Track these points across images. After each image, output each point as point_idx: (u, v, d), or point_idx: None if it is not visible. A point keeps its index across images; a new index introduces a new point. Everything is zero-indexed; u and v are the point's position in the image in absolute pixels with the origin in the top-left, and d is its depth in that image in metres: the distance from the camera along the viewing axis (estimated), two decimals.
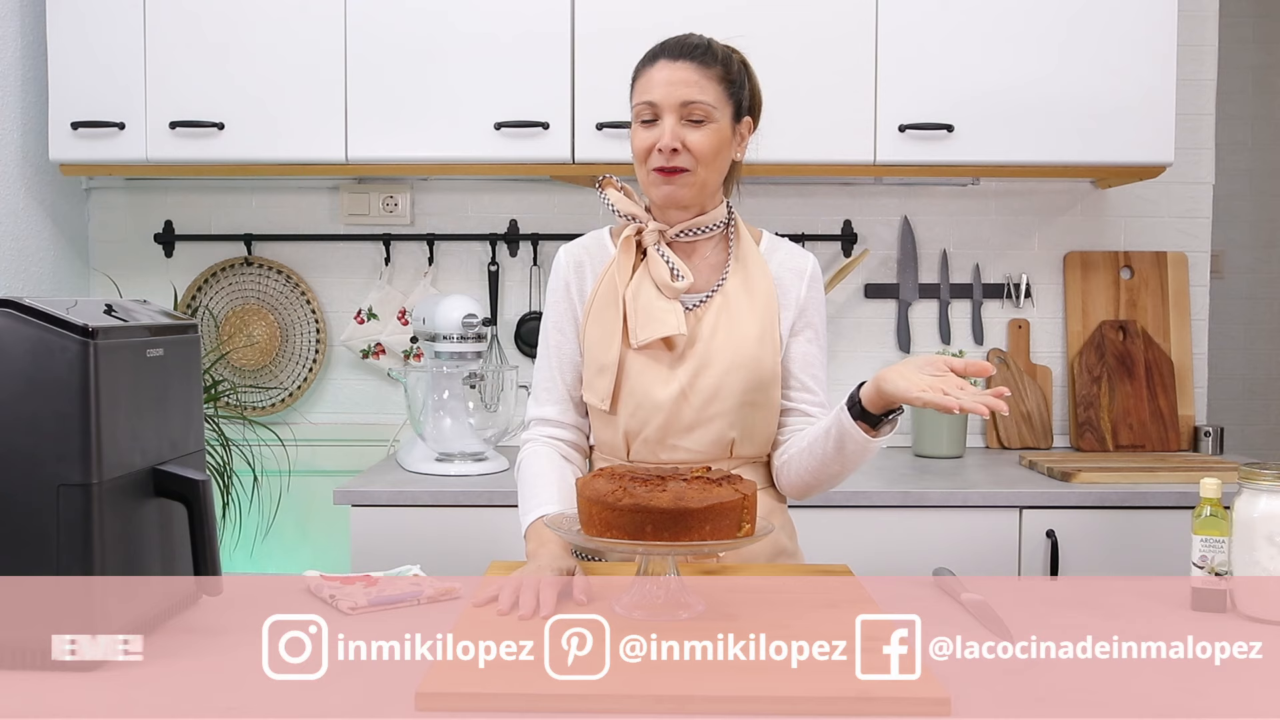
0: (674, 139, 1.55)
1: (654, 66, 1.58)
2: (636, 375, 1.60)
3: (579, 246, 1.71)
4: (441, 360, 2.51)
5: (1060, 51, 2.51)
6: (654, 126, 1.57)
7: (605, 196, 1.66)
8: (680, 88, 1.55)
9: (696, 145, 1.56)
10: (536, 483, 1.60)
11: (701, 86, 1.56)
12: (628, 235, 1.63)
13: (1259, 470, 1.39)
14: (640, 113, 1.58)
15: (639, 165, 1.60)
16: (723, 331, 1.60)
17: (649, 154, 1.57)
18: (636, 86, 1.61)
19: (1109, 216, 2.93)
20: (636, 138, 1.59)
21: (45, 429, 1.16)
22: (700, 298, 1.63)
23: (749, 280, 1.63)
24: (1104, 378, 2.83)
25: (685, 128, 1.56)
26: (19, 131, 2.63)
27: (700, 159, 1.57)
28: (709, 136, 1.57)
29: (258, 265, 2.92)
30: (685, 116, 1.56)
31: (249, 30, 2.54)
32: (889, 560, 2.23)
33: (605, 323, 1.62)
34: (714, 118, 1.57)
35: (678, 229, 1.62)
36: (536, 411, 1.71)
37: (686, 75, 1.56)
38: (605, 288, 1.63)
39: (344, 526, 2.33)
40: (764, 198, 2.89)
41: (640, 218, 1.64)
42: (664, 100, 1.56)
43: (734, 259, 1.65)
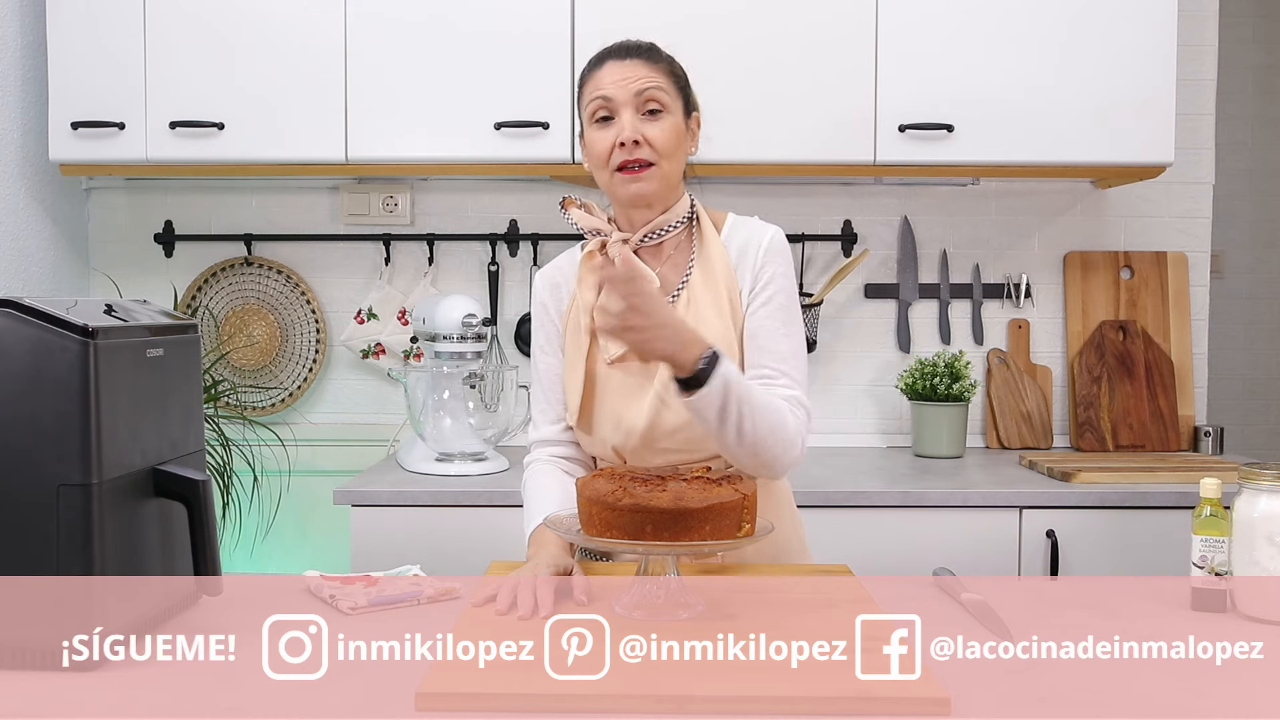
0: (634, 132, 1.55)
1: (602, 68, 1.59)
2: (614, 392, 1.60)
3: (554, 268, 1.72)
4: (441, 360, 2.51)
5: (1060, 51, 2.51)
6: (610, 125, 1.57)
7: (568, 216, 1.66)
8: (632, 81, 1.56)
9: (657, 138, 1.56)
10: (539, 496, 1.60)
11: (653, 78, 1.57)
12: (590, 249, 1.64)
13: (1259, 470, 1.39)
14: (595, 110, 1.58)
15: (600, 170, 1.60)
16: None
17: (610, 153, 1.57)
18: (586, 88, 1.60)
19: (1109, 216, 2.93)
20: (595, 140, 1.58)
21: (45, 429, 1.16)
22: (668, 299, 1.61)
23: (710, 272, 1.61)
24: (1104, 378, 2.83)
25: (643, 122, 1.56)
26: (19, 131, 2.63)
27: (662, 151, 1.56)
28: (667, 129, 1.57)
29: (258, 265, 2.92)
30: (641, 108, 1.56)
31: (249, 30, 2.54)
32: (889, 560, 2.23)
33: (574, 343, 1.63)
34: (670, 108, 1.58)
35: (642, 232, 1.62)
36: (535, 434, 1.72)
37: (637, 70, 1.57)
38: (575, 307, 1.64)
39: (344, 526, 2.33)
40: (764, 198, 2.89)
41: (605, 230, 1.64)
42: (619, 94, 1.56)
43: (697, 254, 1.63)
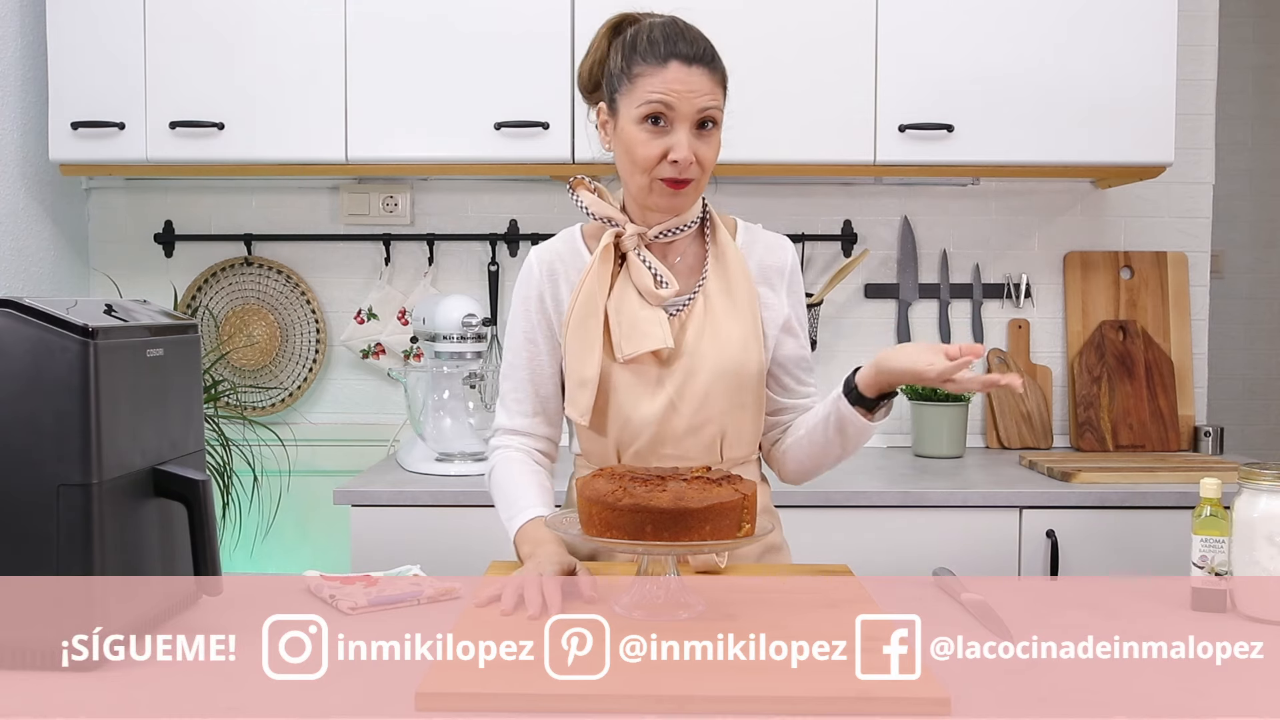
0: (691, 153, 1.50)
1: (666, 67, 1.49)
2: (624, 390, 1.56)
3: (550, 252, 1.63)
4: (441, 360, 2.51)
5: (1060, 51, 2.51)
6: (661, 131, 1.50)
7: (578, 197, 1.60)
8: (698, 96, 1.49)
9: (706, 157, 1.52)
10: (516, 489, 1.57)
11: (714, 95, 1.52)
12: (607, 243, 1.57)
13: (1259, 470, 1.39)
14: (649, 112, 1.50)
15: (639, 172, 1.52)
16: (707, 337, 1.57)
17: (657, 162, 1.50)
18: (642, 81, 1.50)
19: (1109, 216, 2.93)
20: (640, 141, 1.50)
21: (45, 429, 1.16)
22: (682, 301, 1.59)
23: (729, 280, 1.59)
24: (1104, 378, 2.83)
25: (696, 139, 1.51)
26: (19, 131, 2.63)
27: (707, 169, 1.53)
28: (715, 146, 1.54)
29: (258, 265, 2.92)
30: (696, 124, 1.51)
31: (249, 30, 2.54)
32: (889, 560, 2.23)
33: (585, 336, 1.55)
34: (720, 124, 1.54)
35: (657, 230, 1.57)
36: (506, 422, 1.65)
37: (702, 83, 1.50)
38: (584, 298, 1.56)
39: (344, 526, 2.33)
40: (764, 198, 2.89)
41: (617, 219, 1.58)
42: (681, 107, 1.49)
43: (712, 258, 1.61)
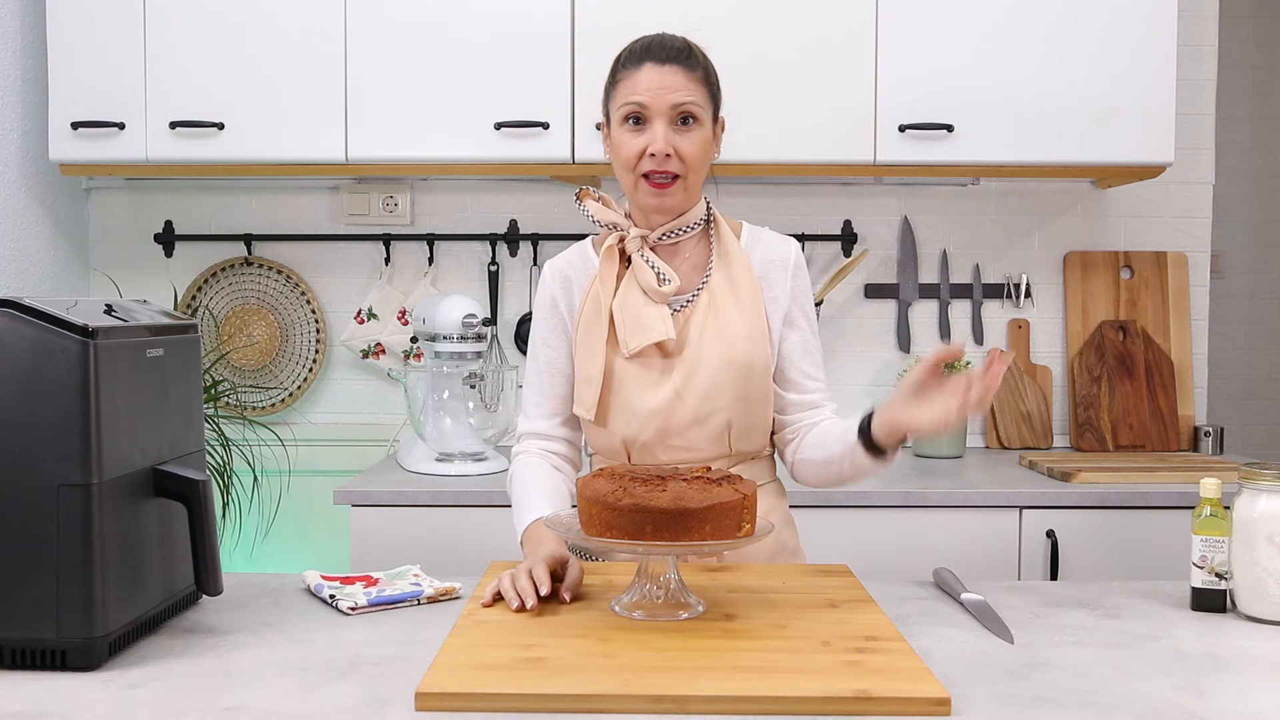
0: (666, 144, 1.54)
1: (640, 70, 1.57)
2: (630, 385, 1.60)
3: (564, 261, 1.71)
4: (441, 360, 2.51)
5: (1060, 51, 2.51)
6: (641, 129, 1.56)
7: (584, 208, 1.65)
8: (670, 92, 1.55)
9: (687, 152, 1.56)
10: (529, 492, 1.60)
11: (690, 89, 1.56)
12: (610, 245, 1.63)
13: (1259, 470, 1.39)
14: (628, 113, 1.57)
15: (625, 171, 1.59)
16: (711, 331, 1.60)
17: (639, 159, 1.56)
18: (620, 88, 1.58)
19: (1109, 216, 2.93)
20: (623, 143, 1.58)
21: (45, 429, 1.16)
22: (686, 298, 1.63)
23: (733, 277, 1.63)
24: (1104, 378, 2.83)
25: (675, 133, 1.55)
26: (19, 131, 2.63)
27: (690, 165, 1.57)
28: (697, 141, 1.57)
29: (258, 265, 2.92)
30: (674, 120, 1.55)
31: (249, 30, 2.54)
32: (889, 560, 2.23)
33: (591, 334, 1.62)
34: (701, 120, 1.57)
35: (659, 232, 1.62)
36: (527, 426, 1.72)
37: (675, 80, 1.55)
38: (592, 299, 1.63)
39: (344, 526, 2.33)
40: (764, 198, 2.89)
41: (621, 225, 1.63)
42: (654, 103, 1.55)
43: (716, 256, 1.65)
